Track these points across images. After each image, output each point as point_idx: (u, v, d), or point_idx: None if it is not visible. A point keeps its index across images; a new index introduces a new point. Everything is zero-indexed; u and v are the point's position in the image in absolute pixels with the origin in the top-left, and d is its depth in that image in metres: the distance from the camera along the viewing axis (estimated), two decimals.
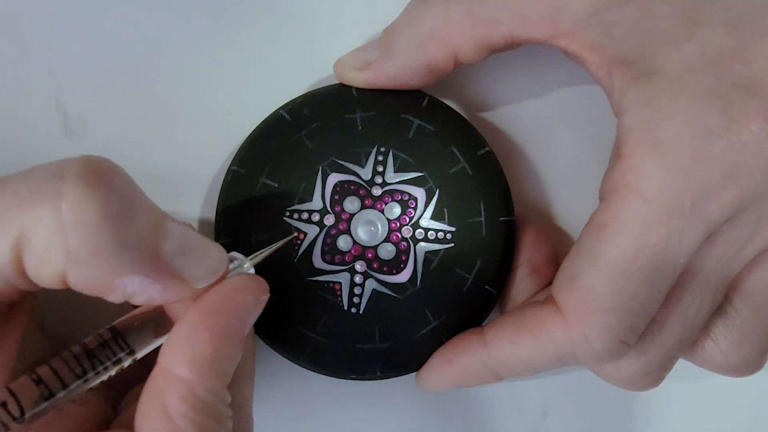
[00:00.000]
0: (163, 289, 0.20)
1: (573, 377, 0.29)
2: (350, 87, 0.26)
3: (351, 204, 0.26)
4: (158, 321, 0.22)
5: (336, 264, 0.26)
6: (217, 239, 0.26)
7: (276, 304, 0.25)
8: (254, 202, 0.26)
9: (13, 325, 0.21)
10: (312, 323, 0.26)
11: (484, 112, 0.29)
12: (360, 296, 0.26)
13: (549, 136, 0.29)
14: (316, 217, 0.26)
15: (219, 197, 0.26)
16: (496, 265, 0.26)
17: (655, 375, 0.24)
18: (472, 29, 0.24)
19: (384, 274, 0.26)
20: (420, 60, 0.25)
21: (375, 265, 0.26)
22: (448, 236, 0.26)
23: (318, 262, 0.26)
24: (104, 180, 0.19)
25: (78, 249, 0.19)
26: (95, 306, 0.22)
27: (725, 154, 0.21)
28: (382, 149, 0.26)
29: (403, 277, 0.26)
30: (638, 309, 0.22)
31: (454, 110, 0.27)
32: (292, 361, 0.26)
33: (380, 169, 0.26)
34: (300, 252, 0.26)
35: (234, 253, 0.23)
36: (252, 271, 0.23)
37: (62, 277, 0.19)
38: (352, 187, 0.26)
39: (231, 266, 0.22)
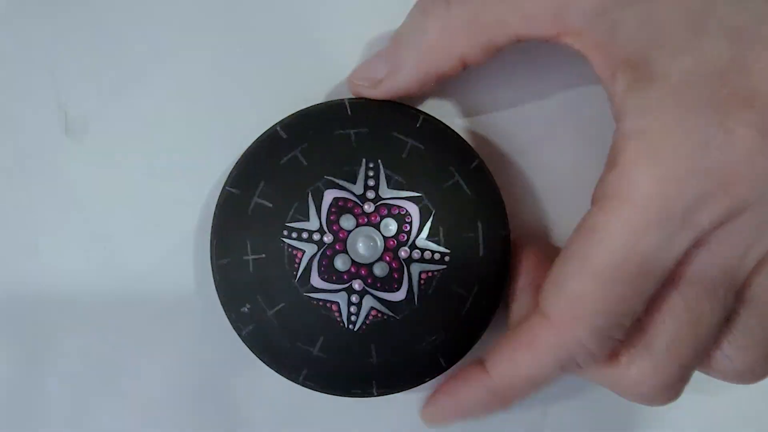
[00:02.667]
0: None
1: (573, 377, 0.29)
2: (344, 104, 0.26)
3: (347, 222, 0.26)
4: None
5: (334, 282, 0.26)
6: (212, 259, 0.26)
7: (275, 324, 0.26)
8: (249, 221, 0.26)
9: None
10: (310, 342, 0.26)
11: (481, 129, 0.28)
12: (357, 314, 0.26)
13: (545, 156, 0.28)
14: (316, 237, 0.26)
15: (213, 218, 0.26)
16: (494, 279, 0.26)
17: (676, 388, 0.24)
18: (477, 34, 0.24)
19: (380, 290, 0.26)
20: (428, 71, 0.25)
21: (369, 281, 0.26)
22: (445, 258, 0.26)
23: (316, 281, 0.26)
24: None
25: None
26: None
27: (718, 166, 0.21)
28: (371, 165, 0.26)
29: (399, 295, 0.26)
30: (625, 310, 0.23)
31: (448, 127, 0.27)
32: (290, 380, 0.26)
33: (371, 183, 0.26)
34: (300, 271, 0.26)
35: None
36: None
37: None
38: (349, 204, 0.26)
39: None
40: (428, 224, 0.26)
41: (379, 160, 0.26)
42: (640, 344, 0.24)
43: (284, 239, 0.25)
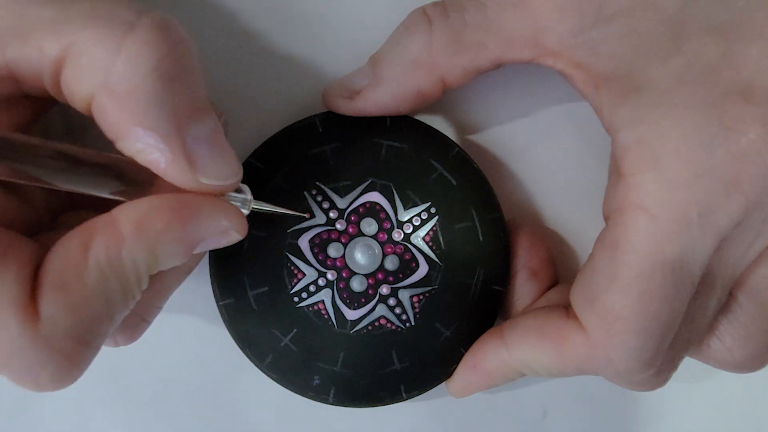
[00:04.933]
0: (171, 160, 0.20)
1: (573, 377, 0.30)
2: (315, 123, 0.26)
3: (335, 250, 0.26)
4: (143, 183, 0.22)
5: (365, 305, 0.26)
6: (216, 300, 0.26)
7: (295, 352, 0.26)
8: (247, 256, 0.26)
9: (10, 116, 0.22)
10: (332, 360, 0.26)
11: (469, 122, 0.29)
12: (405, 311, 0.26)
13: (535, 143, 0.29)
14: (321, 282, 0.26)
15: (210, 259, 0.26)
16: (497, 263, 0.26)
17: (664, 376, 0.25)
18: (458, 54, 0.24)
19: (407, 278, 0.26)
20: (408, 87, 0.25)
21: (391, 279, 0.26)
22: (432, 210, 0.26)
23: (352, 314, 0.26)
24: (174, 40, 0.20)
25: (118, 80, 0.19)
26: None
27: (726, 164, 0.21)
28: (313, 192, 0.26)
29: (423, 270, 0.26)
30: (661, 329, 0.22)
31: (419, 121, 0.27)
32: (321, 402, 0.26)
33: (326, 206, 0.26)
34: (332, 314, 0.26)
35: (244, 186, 0.23)
36: (245, 210, 0.23)
37: (89, 100, 0.20)
38: (324, 236, 0.26)
39: (235, 194, 0.23)
40: (397, 200, 0.26)
41: (318, 181, 0.26)
42: None
43: (300, 306, 0.26)
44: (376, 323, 0.26)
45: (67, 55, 0.20)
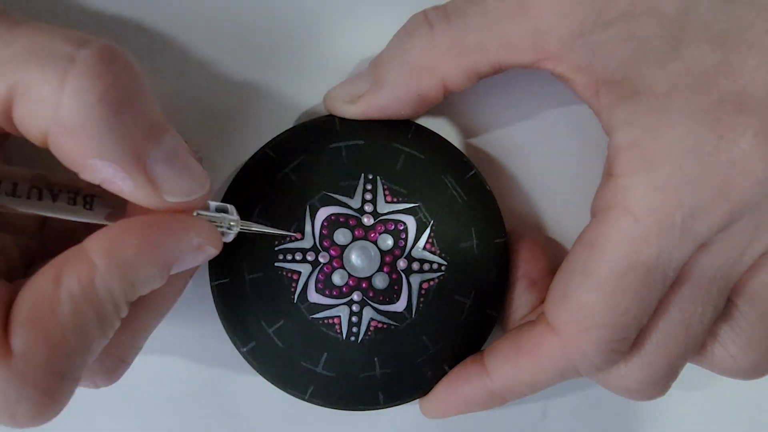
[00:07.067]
0: (133, 187, 0.20)
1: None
2: (333, 119, 0.26)
3: (342, 236, 0.26)
4: (115, 207, 0.22)
5: (334, 297, 0.26)
6: (210, 279, 0.26)
7: (278, 343, 0.26)
8: (247, 241, 0.26)
9: None
10: (314, 359, 0.26)
11: (470, 128, 0.28)
12: (358, 325, 0.26)
13: (537, 150, 0.29)
14: (310, 257, 0.26)
15: None
16: (492, 287, 0.26)
17: (662, 384, 0.25)
18: (459, 58, 0.24)
19: (380, 303, 0.26)
20: (410, 91, 0.25)
21: (371, 294, 0.26)
22: (443, 267, 0.26)
23: (315, 297, 0.26)
24: (118, 66, 0.20)
25: (66, 116, 0.19)
26: None
27: (715, 172, 0.21)
28: (370, 177, 0.26)
29: (399, 306, 0.26)
30: (630, 322, 0.23)
31: (441, 136, 0.27)
32: (296, 397, 0.26)
33: (369, 197, 0.26)
34: (297, 292, 0.26)
35: (230, 207, 0.23)
36: (233, 231, 0.23)
37: (44, 136, 0.20)
38: (341, 218, 0.26)
39: (216, 214, 0.23)
40: (424, 235, 0.26)
41: (375, 173, 0.26)
42: None
43: (278, 263, 0.26)
44: (328, 320, 0.26)
45: (14, 95, 0.19)
